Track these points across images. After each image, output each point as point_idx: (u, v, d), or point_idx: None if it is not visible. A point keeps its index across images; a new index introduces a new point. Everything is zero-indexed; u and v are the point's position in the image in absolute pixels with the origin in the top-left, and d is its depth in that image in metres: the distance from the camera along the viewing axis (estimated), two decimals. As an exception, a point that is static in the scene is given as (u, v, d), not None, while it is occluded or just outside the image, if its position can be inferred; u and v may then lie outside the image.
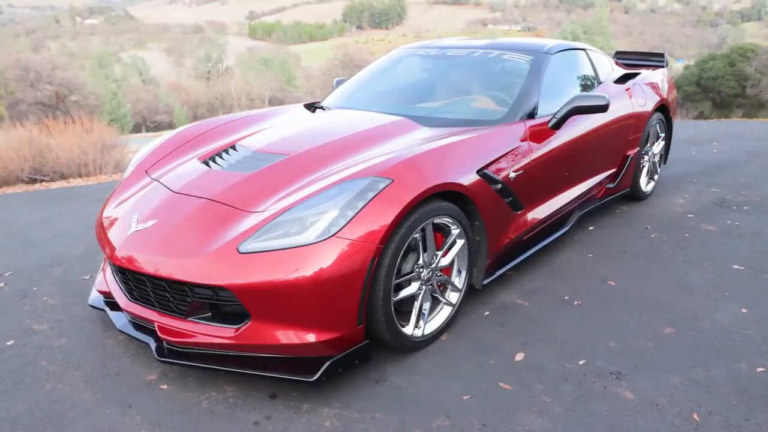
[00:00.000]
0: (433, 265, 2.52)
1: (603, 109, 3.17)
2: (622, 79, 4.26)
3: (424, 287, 2.49)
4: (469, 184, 2.58)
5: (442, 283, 2.61)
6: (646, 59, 5.07)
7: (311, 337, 2.14)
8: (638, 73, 4.46)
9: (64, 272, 3.51)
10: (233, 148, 2.96)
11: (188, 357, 2.26)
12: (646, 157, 4.47)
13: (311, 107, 3.83)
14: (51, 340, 2.70)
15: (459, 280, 2.70)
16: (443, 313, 2.63)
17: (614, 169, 4.06)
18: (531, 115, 3.18)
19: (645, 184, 4.51)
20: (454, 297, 2.68)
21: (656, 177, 4.69)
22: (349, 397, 2.22)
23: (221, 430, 2.06)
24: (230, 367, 2.20)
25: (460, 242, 2.62)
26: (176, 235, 2.32)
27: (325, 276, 2.08)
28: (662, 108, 4.56)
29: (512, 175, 2.87)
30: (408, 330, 2.44)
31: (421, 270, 2.46)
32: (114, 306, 2.63)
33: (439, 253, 2.55)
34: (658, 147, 4.63)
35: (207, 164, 2.80)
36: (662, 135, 4.67)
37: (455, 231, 2.58)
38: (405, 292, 2.42)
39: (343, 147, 2.76)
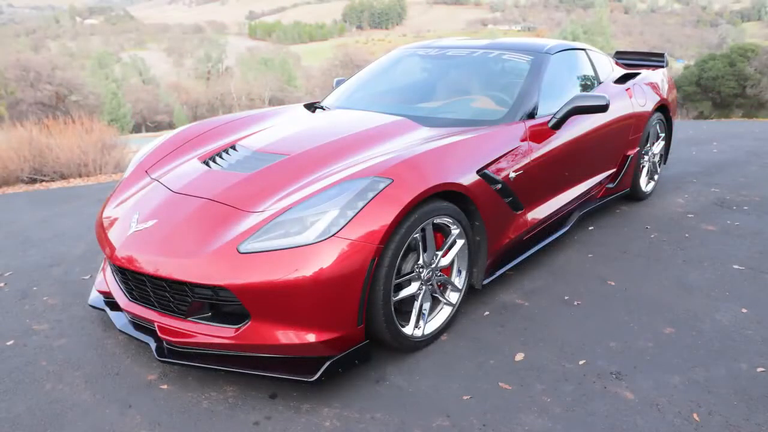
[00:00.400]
0: (433, 265, 2.52)
1: (603, 109, 3.17)
2: (622, 79, 4.26)
3: (424, 287, 2.49)
4: (469, 184, 2.58)
5: (442, 283, 2.61)
6: (646, 59, 5.07)
7: (311, 337, 2.14)
8: (638, 73, 4.46)
9: (64, 272, 3.51)
10: (233, 148, 2.96)
11: (188, 357, 2.26)
12: (646, 157, 4.47)
13: (311, 107, 3.83)
14: (51, 340, 2.70)
15: (459, 280, 2.69)
16: (443, 313, 2.63)
17: (614, 169, 4.06)
18: (531, 115, 3.18)
19: (645, 184, 4.51)
20: (454, 297, 2.68)
21: (656, 177, 4.68)
22: (349, 397, 2.22)
23: (221, 430, 2.06)
24: (230, 367, 2.20)
25: (460, 242, 2.62)
26: (176, 235, 2.32)
27: (325, 276, 2.08)
28: (662, 108, 4.56)
29: (512, 175, 2.87)
30: (408, 330, 2.44)
31: (421, 270, 2.46)
32: (114, 306, 2.63)
33: (439, 253, 2.55)
34: (658, 147, 4.63)
35: (207, 164, 2.80)
36: (662, 135, 4.67)
37: (455, 231, 2.58)
38: (405, 292, 2.42)
39: (343, 147, 2.76)
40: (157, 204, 2.54)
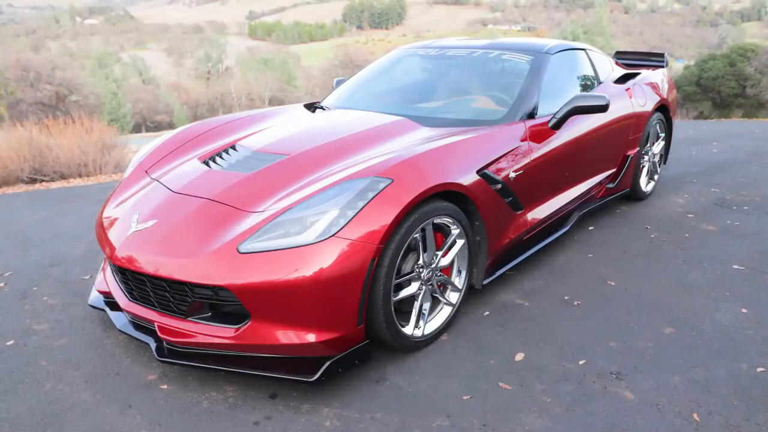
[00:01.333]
0: (433, 265, 2.52)
1: (603, 109, 3.17)
2: (622, 79, 4.26)
3: (424, 287, 2.49)
4: (469, 184, 2.58)
5: (442, 283, 2.61)
6: (646, 59, 5.07)
7: (311, 337, 2.15)
8: (638, 73, 4.46)
9: (64, 272, 3.51)
10: (233, 148, 2.96)
11: (188, 357, 2.26)
12: (646, 157, 4.47)
13: (311, 107, 3.83)
14: (51, 340, 2.70)
15: (459, 280, 2.69)
16: (443, 313, 2.63)
17: (614, 169, 4.06)
18: (531, 115, 3.18)
19: (645, 184, 4.51)
20: (454, 297, 2.68)
21: (656, 177, 4.69)
22: (349, 397, 2.22)
23: (221, 430, 2.07)
24: (230, 367, 2.20)
25: (460, 242, 2.62)
26: (176, 235, 2.32)
27: (325, 276, 2.08)
28: (662, 108, 4.57)
29: (512, 175, 2.87)
30: (408, 330, 2.44)
31: (421, 270, 2.46)
32: (114, 306, 2.63)
33: (439, 253, 2.55)
34: (658, 147, 4.63)
35: (207, 164, 2.80)
36: (662, 135, 4.67)
37: (455, 231, 2.58)
38: (405, 292, 2.42)
39: (343, 147, 2.76)
40: (157, 204, 2.54)
